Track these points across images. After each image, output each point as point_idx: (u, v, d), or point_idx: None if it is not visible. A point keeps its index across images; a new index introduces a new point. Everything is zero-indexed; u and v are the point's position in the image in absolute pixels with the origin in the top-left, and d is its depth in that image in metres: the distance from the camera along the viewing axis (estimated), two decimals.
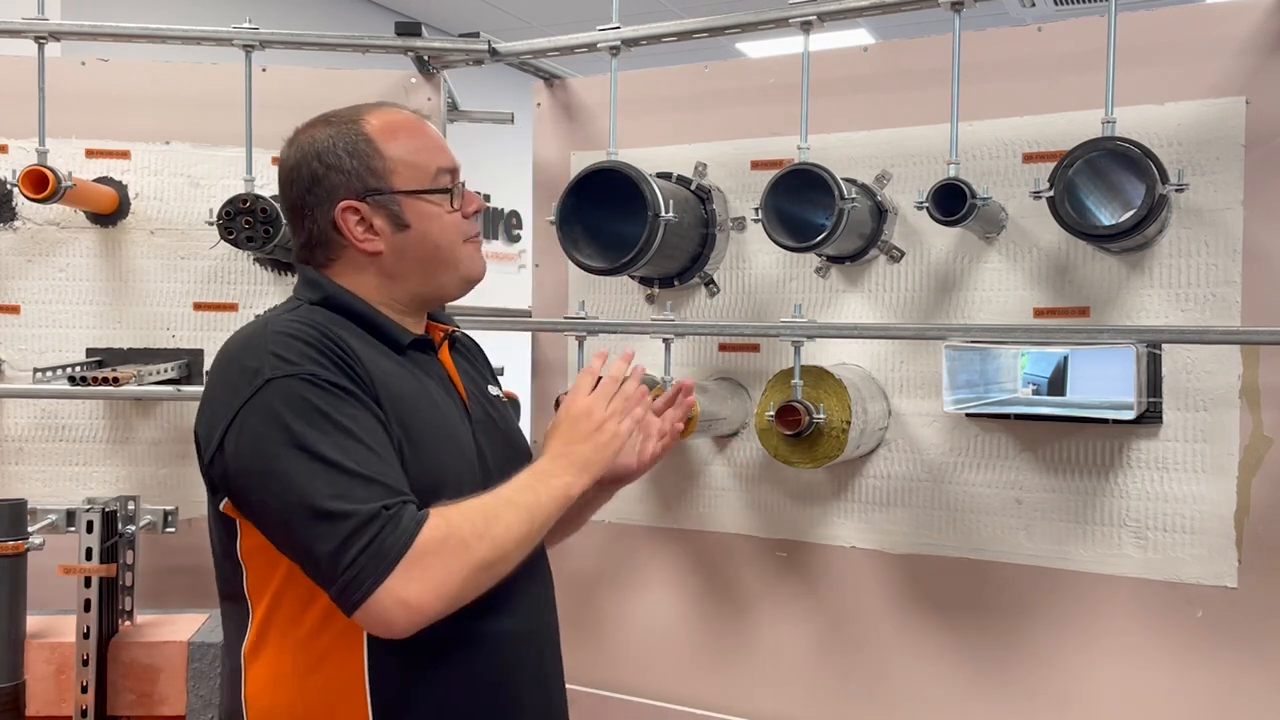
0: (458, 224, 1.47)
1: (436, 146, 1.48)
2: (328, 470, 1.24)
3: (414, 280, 1.46)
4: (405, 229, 1.43)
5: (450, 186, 1.47)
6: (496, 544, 1.28)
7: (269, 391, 1.28)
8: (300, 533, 1.24)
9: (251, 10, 2.62)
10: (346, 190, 1.42)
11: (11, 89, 2.45)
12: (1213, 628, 1.93)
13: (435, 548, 1.24)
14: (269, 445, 1.26)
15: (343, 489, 1.23)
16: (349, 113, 1.47)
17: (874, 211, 2.15)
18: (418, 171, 1.44)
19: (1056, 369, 1.96)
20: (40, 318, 2.52)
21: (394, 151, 1.43)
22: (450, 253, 1.47)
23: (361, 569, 1.21)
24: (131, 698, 2.12)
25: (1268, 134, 1.88)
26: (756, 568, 2.36)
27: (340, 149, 1.43)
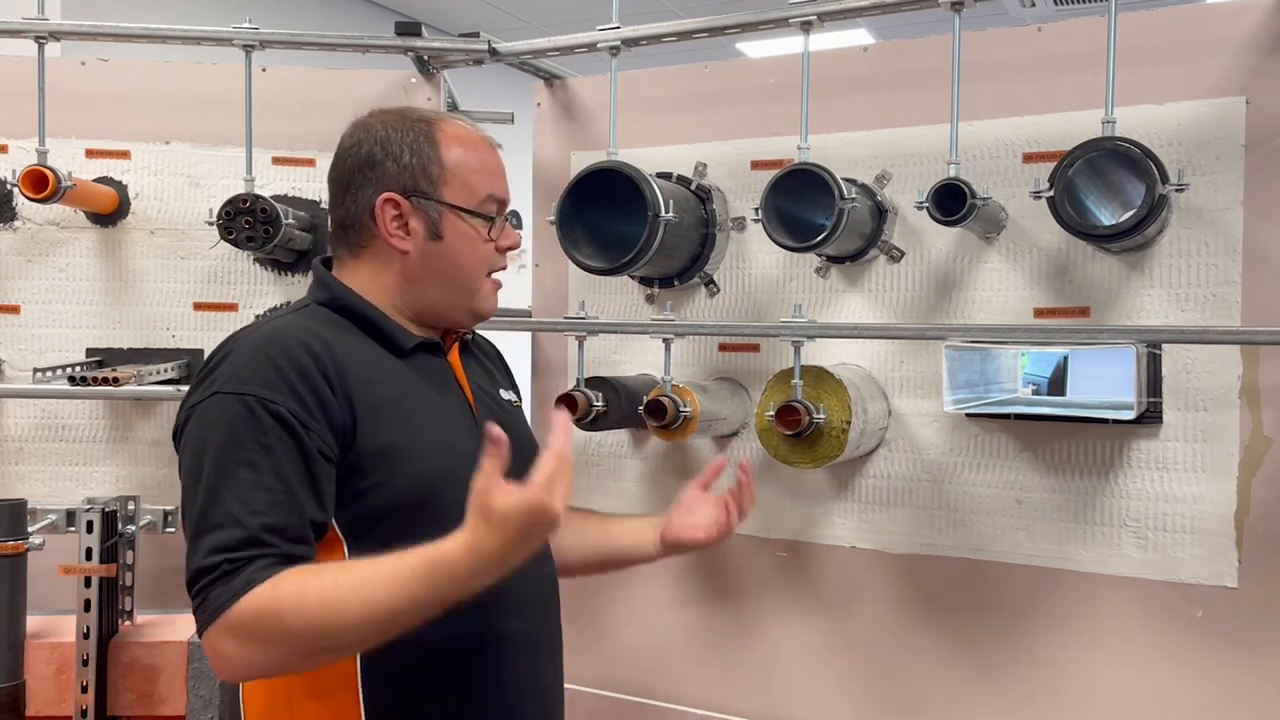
0: (488, 254, 1.49)
1: (495, 173, 1.50)
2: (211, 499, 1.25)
3: (430, 292, 1.46)
4: (438, 239, 1.44)
5: (493, 215, 1.48)
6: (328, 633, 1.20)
7: (212, 402, 1.30)
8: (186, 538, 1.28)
9: (251, 10, 2.62)
10: (395, 183, 1.43)
11: (11, 89, 2.45)
12: (1213, 628, 1.93)
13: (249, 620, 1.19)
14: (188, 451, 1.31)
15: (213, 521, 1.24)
16: (427, 113, 1.50)
17: (874, 211, 2.15)
18: (468, 190, 1.45)
19: (1056, 369, 1.96)
20: (40, 318, 2.52)
21: (453, 164, 1.45)
22: (471, 279, 1.48)
23: (198, 606, 1.23)
24: (131, 698, 2.12)
25: (1268, 134, 1.88)
26: (756, 568, 2.36)
27: (404, 142, 1.44)
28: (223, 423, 1.28)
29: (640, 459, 2.47)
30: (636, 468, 2.47)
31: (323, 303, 1.45)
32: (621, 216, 2.14)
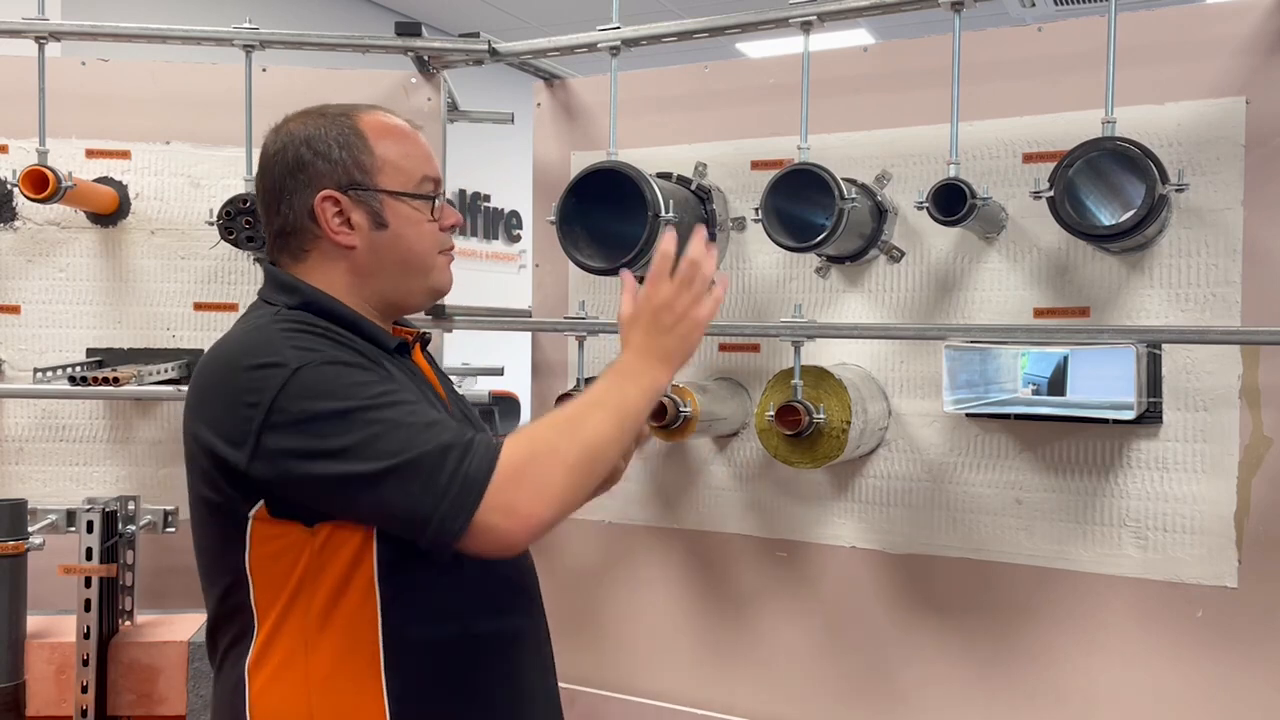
0: (435, 234, 1.47)
1: (425, 155, 1.48)
2: (388, 429, 1.25)
3: (384, 281, 1.45)
4: (383, 228, 1.43)
5: (433, 195, 1.47)
6: (587, 445, 1.29)
7: (303, 377, 1.27)
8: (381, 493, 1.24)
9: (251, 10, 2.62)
10: (330, 180, 1.40)
11: (11, 89, 2.45)
12: (1213, 628, 1.93)
13: (523, 459, 1.25)
14: (323, 425, 1.26)
15: (409, 439, 1.25)
16: (343, 108, 1.46)
17: (874, 211, 2.15)
18: (404, 175, 1.44)
19: (1056, 369, 1.96)
20: (40, 318, 2.52)
21: (383, 151, 1.43)
22: (423, 260, 1.46)
23: (455, 498, 1.22)
24: (131, 698, 2.12)
25: (1268, 134, 1.88)
26: (756, 568, 2.36)
27: (330, 139, 1.42)
28: (333, 380, 1.28)
29: (640, 459, 2.47)
30: (636, 468, 2.47)
31: (295, 307, 1.41)
32: (621, 216, 2.14)
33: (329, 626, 1.32)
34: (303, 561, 1.31)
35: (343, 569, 1.32)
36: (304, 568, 1.31)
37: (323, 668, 1.33)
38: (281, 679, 1.33)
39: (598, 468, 1.31)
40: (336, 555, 1.32)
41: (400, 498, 1.23)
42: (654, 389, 1.37)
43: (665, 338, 1.38)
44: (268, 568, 1.33)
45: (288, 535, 1.31)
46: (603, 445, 1.31)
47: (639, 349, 1.38)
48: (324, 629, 1.32)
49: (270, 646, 1.34)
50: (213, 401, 1.34)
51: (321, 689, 1.32)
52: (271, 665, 1.34)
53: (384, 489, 1.24)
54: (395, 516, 1.26)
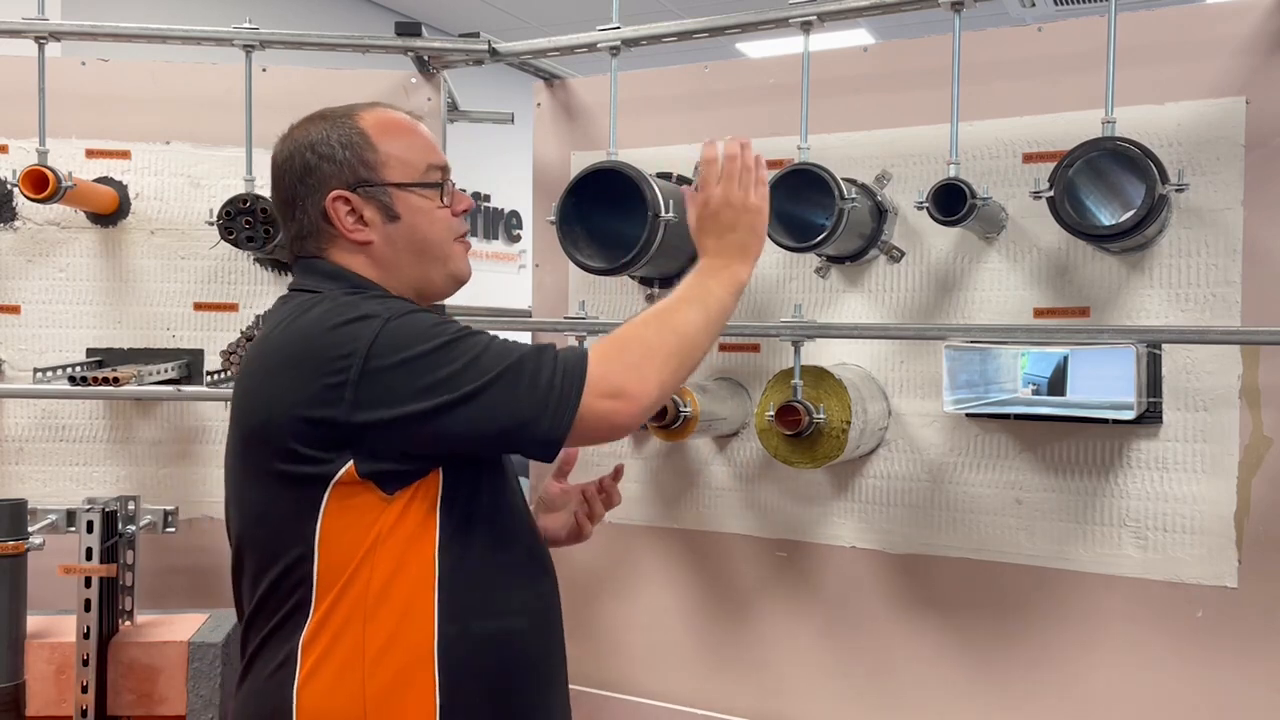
0: (447, 220, 1.50)
1: (428, 144, 1.51)
2: (482, 351, 1.33)
3: (404, 272, 1.48)
4: (395, 220, 1.46)
5: (440, 182, 1.49)
6: (679, 333, 1.39)
7: (393, 327, 1.33)
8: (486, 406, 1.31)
9: (251, 10, 2.62)
10: (338, 180, 1.44)
11: (11, 89, 2.45)
12: (1213, 628, 1.93)
13: (617, 347, 1.37)
14: (421, 362, 1.31)
15: (502, 352, 1.33)
16: (344, 109, 1.49)
17: (874, 211, 2.15)
18: (409, 166, 1.47)
19: (1056, 369, 1.96)
20: (40, 318, 2.52)
21: (386, 146, 1.46)
22: (440, 248, 1.49)
23: (560, 391, 1.30)
24: (131, 698, 2.12)
25: (1268, 134, 1.88)
26: (756, 568, 2.36)
27: (334, 141, 1.45)
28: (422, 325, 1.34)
29: (640, 459, 2.47)
30: (637, 468, 2.47)
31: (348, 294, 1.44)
32: (621, 216, 2.14)
33: (386, 602, 1.35)
34: (371, 534, 1.34)
35: (405, 544, 1.35)
36: (372, 540, 1.34)
37: (378, 642, 1.35)
38: (334, 655, 1.35)
39: (691, 354, 1.41)
40: (402, 527, 1.35)
41: (508, 402, 1.31)
42: (735, 282, 1.48)
43: (732, 234, 1.50)
44: (336, 539, 1.35)
45: (363, 505, 1.34)
46: (693, 334, 1.40)
47: (713, 250, 1.50)
48: (381, 605, 1.35)
49: (327, 621, 1.35)
50: (293, 371, 1.36)
51: (374, 665, 1.35)
52: (326, 640, 1.35)
53: (490, 399, 1.31)
54: (501, 425, 1.32)
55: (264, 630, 1.40)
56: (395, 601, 1.35)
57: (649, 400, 1.35)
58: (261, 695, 1.39)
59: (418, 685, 1.35)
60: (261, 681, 1.39)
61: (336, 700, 1.34)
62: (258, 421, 1.39)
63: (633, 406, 1.33)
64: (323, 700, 1.35)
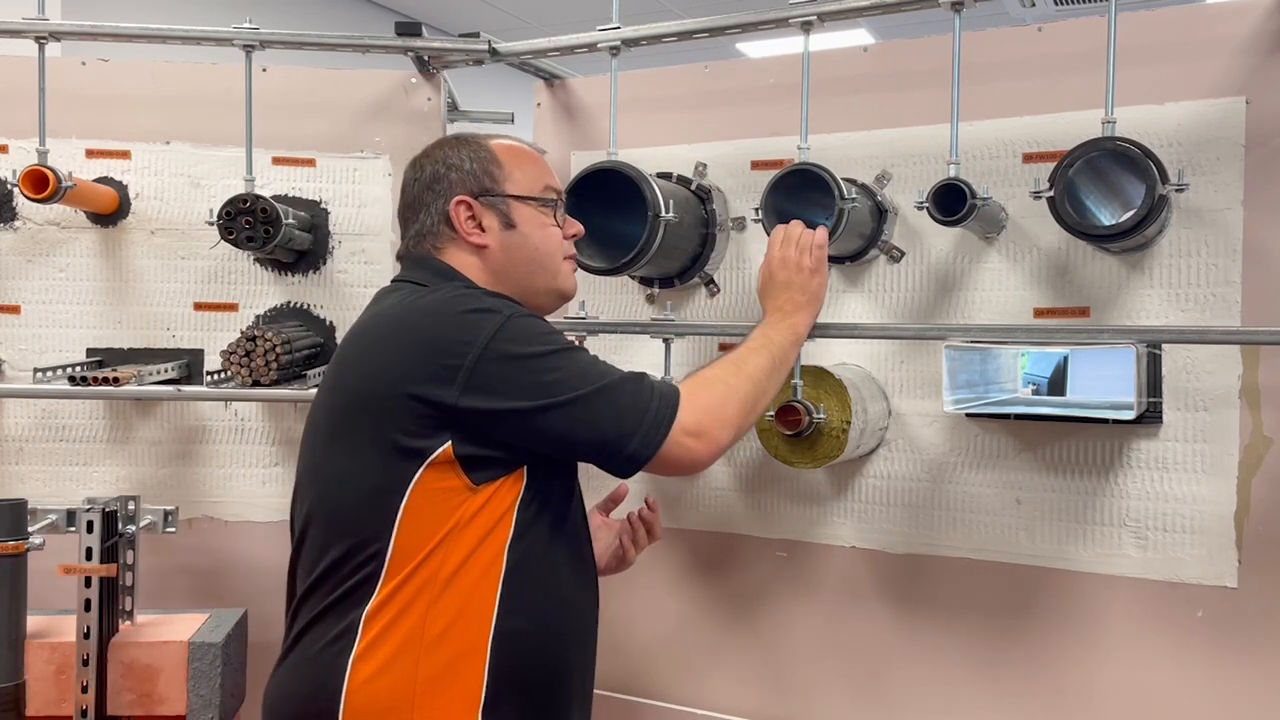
0: (558, 237, 1.65)
1: (547, 170, 1.67)
2: (592, 363, 1.47)
3: (516, 278, 1.58)
4: (512, 228, 1.58)
5: (555, 200, 1.62)
6: (753, 379, 1.57)
7: (513, 324, 1.43)
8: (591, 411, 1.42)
9: (251, 10, 2.62)
10: (463, 187, 1.57)
11: (11, 89, 2.45)
12: (1213, 628, 1.93)
13: (704, 391, 1.50)
14: (537, 361, 1.43)
15: (608, 369, 1.47)
16: (479, 135, 1.65)
17: (874, 211, 2.15)
18: (529, 182, 1.61)
19: (1056, 369, 1.96)
20: (40, 318, 2.52)
21: (510, 164, 1.61)
22: (551, 260, 1.62)
23: (655, 416, 1.43)
24: (131, 698, 2.12)
25: (1268, 134, 1.88)
26: (756, 568, 2.36)
27: (463, 154, 1.60)
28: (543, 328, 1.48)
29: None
30: None
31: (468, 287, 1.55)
32: (621, 216, 2.14)
33: (452, 589, 1.41)
34: (451, 520, 1.40)
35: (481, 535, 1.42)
36: (450, 526, 1.40)
37: (437, 627, 1.40)
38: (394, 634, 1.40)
39: (761, 399, 1.58)
40: (481, 518, 1.42)
41: (608, 414, 1.42)
42: (795, 332, 1.73)
43: (790, 291, 1.76)
44: (416, 520, 1.40)
45: (448, 490, 1.40)
46: (762, 379, 1.58)
47: (774, 307, 1.76)
48: (447, 591, 1.40)
49: (393, 599, 1.40)
50: (411, 348, 1.43)
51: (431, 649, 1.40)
52: (388, 617, 1.40)
53: (592, 408, 1.42)
54: (599, 433, 1.43)
55: (324, 602, 1.44)
56: (461, 589, 1.41)
57: (725, 442, 1.49)
58: (312, 665, 1.43)
59: (467, 673, 1.41)
60: (314, 653, 1.43)
61: (388, 678, 1.39)
62: (364, 389, 1.45)
63: (711, 447, 1.47)
64: (375, 676, 1.39)
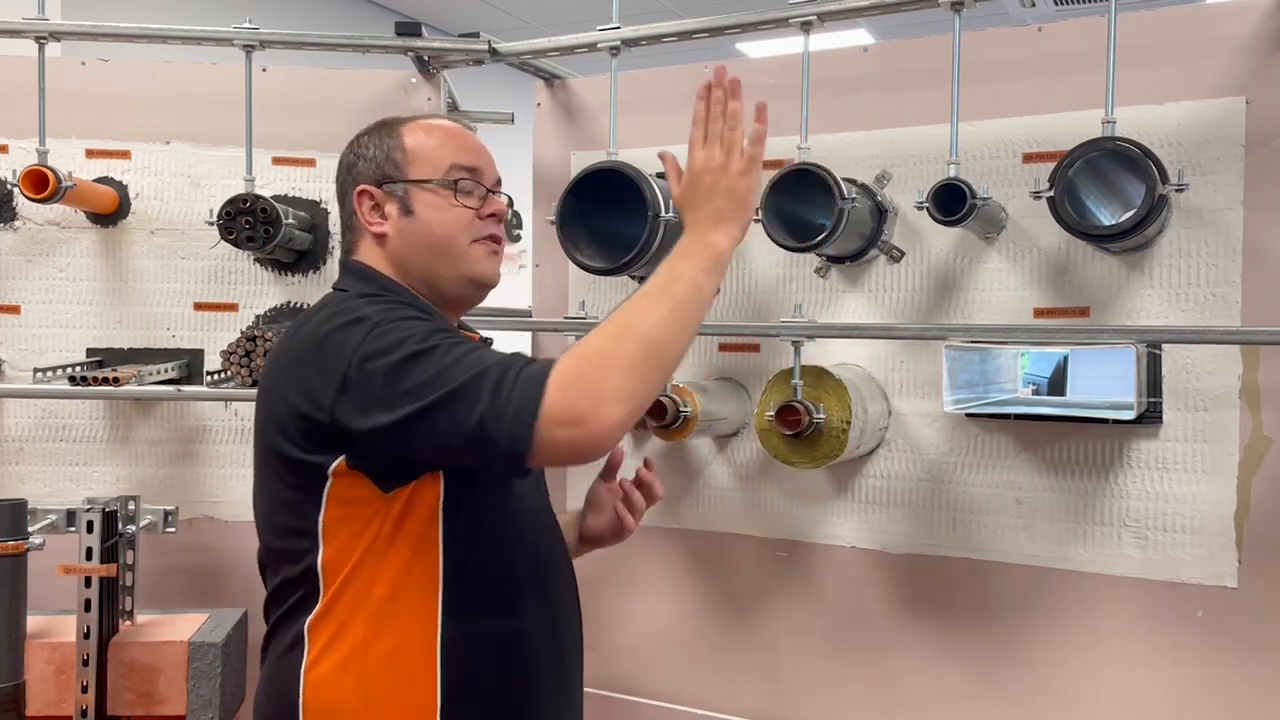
0: (464, 219, 1.50)
1: (461, 146, 1.53)
2: (456, 361, 1.29)
3: (419, 268, 1.50)
4: (409, 215, 1.50)
5: (456, 181, 1.50)
6: (642, 335, 1.28)
7: (379, 331, 1.33)
8: (453, 414, 1.26)
9: (251, 10, 2.62)
10: (366, 176, 1.51)
11: (11, 89, 2.45)
12: (1213, 628, 1.93)
13: (576, 363, 1.26)
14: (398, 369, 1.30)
15: (474, 363, 1.28)
16: (401, 117, 1.57)
17: (874, 211, 2.15)
18: (432, 165, 1.50)
19: (1056, 369, 1.96)
20: (40, 318, 2.52)
21: (415, 146, 1.51)
22: (451, 244, 1.49)
23: (519, 403, 1.23)
24: (131, 698, 2.12)
25: (1268, 134, 1.88)
26: (756, 568, 2.36)
27: (371, 141, 1.53)
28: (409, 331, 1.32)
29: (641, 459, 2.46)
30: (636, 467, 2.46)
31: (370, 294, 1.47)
32: (621, 216, 2.14)
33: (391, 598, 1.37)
34: (372, 529, 1.37)
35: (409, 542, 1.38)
36: (373, 536, 1.37)
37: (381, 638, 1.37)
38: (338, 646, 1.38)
39: (661, 355, 1.30)
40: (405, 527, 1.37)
41: (472, 413, 1.25)
42: (712, 256, 1.36)
43: (711, 201, 1.38)
44: (342, 530, 1.38)
45: (362, 499, 1.37)
46: (659, 333, 1.29)
47: (690, 224, 1.39)
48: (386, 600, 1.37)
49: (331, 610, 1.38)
50: (296, 368, 1.39)
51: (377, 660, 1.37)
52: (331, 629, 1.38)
53: (451, 411, 1.27)
54: (464, 437, 1.27)
55: (279, 612, 1.45)
56: (400, 599, 1.37)
57: (610, 423, 1.24)
58: (275, 676, 1.43)
59: (419, 687, 1.37)
60: (275, 659, 1.44)
61: (339, 688, 1.37)
62: (269, 414, 1.43)
63: (592, 432, 1.24)
64: (327, 686, 1.38)
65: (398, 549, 1.37)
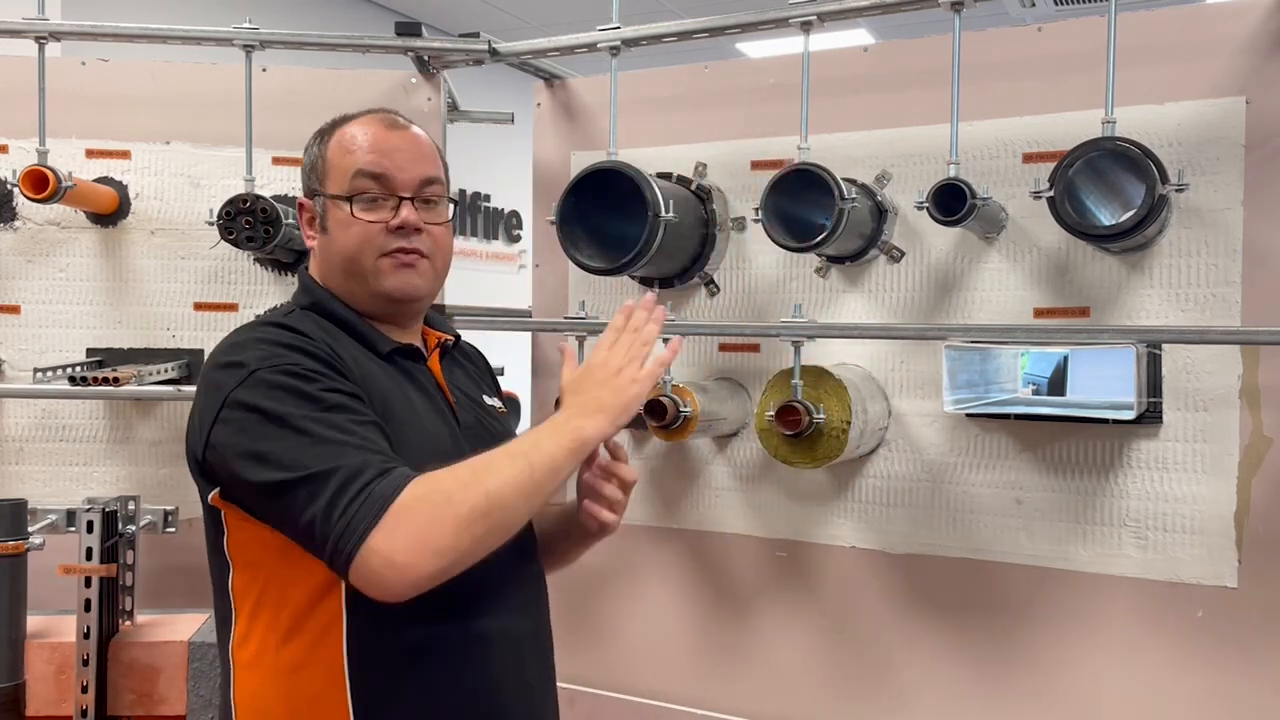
0: (366, 234, 1.42)
1: (372, 149, 1.44)
2: (314, 442, 1.24)
3: (337, 281, 1.46)
4: (325, 232, 1.46)
5: (351, 197, 1.42)
6: (489, 492, 1.23)
7: (254, 380, 1.29)
8: (293, 501, 1.23)
9: (251, 10, 2.62)
10: (304, 187, 1.49)
11: (11, 89, 2.45)
12: (1213, 628, 1.93)
13: (416, 503, 1.21)
14: (257, 428, 1.27)
15: (330, 454, 1.23)
16: (348, 116, 1.50)
17: (874, 211, 2.15)
18: (338, 175, 1.44)
19: (1056, 369, 1.96)
20: (40, 318, 2.52)
21: (332, 155, 1.45)
22: (357, 263, 1.43)
23: (350, 521, 1.20)
24: (131, 698, 2.12)
25: (1268, 134, 1.88)
26: (756, 568, 2.36)
27: (311, 149, 1.49)
28: (281, 387, 1.28)
29: (640, 459, 2.47)
30: (637, 468, 2.44)
31: (306, 307, 1.47)
32: (621, 216, 2.14)
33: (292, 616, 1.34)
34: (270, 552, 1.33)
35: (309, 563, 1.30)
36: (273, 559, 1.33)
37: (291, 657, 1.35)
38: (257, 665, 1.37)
39: (502, 518, 1.25)
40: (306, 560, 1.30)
41: (307, 510, 1.22)
42: (577, 439, 1.32)
43: (596, 390, 1.36)
44: (243, 554, 1.37)
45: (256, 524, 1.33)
46: (508, 495, 1.25)
47: (569, 404, 1.36)
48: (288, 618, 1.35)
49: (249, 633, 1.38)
50: (196, 395, 1.39)
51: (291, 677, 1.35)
52: (249, 650, 1.38)
53: (296, 498, 1.23)
54: (297, 528, 1.25)
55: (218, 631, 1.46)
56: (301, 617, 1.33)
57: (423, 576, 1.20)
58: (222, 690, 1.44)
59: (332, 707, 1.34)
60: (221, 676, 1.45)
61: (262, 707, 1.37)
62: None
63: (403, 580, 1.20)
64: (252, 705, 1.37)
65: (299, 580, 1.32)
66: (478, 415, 1.54)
